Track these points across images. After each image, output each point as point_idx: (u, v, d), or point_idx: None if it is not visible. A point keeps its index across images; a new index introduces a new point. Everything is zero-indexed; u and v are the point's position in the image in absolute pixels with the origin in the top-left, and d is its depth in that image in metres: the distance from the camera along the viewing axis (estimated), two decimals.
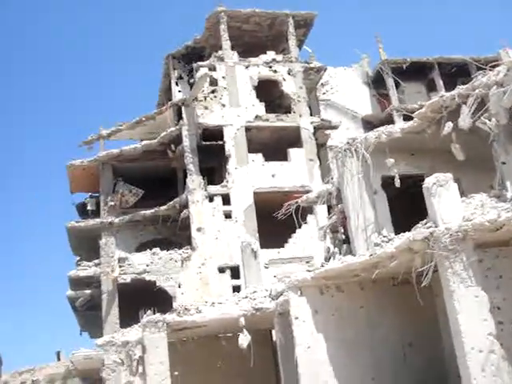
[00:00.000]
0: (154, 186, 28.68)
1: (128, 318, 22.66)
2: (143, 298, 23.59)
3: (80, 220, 29.70)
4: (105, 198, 28.71)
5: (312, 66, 31.00)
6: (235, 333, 16.69)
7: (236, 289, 24.67)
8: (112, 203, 28.34)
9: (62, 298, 29.40)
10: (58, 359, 58.89)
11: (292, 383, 13.94)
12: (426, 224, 11.29)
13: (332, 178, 17.08)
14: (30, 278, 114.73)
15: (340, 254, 15.82)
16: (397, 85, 34.58)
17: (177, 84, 31.47)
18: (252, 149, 28.10)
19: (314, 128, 29.13)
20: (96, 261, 27.71)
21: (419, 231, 11.11)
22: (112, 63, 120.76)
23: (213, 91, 29.03)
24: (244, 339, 15.92)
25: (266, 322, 16.18)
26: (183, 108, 29.22)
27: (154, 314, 17.01)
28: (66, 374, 51.54)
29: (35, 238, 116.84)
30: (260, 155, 28.02)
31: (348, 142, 15.15)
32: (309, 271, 14.03)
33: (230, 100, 28.94)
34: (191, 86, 30.09)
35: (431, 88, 34.68)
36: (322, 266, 14.05)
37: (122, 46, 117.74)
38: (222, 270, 26.07)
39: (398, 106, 33.44)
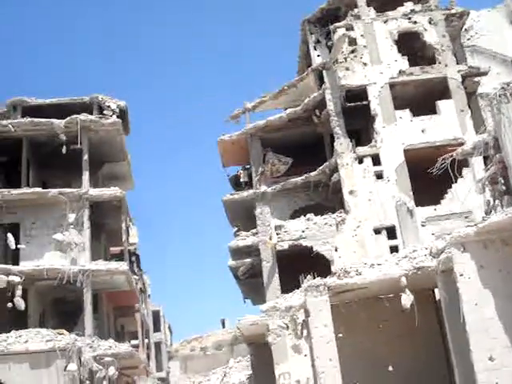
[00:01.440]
0: (301, 153, 28.86)
1: (288, 283, 23.18)
2: (301, 263, 23.97)
3: (234, 192, 30.57)
4: (256, 168, 29.35)
5: (453, 11, 29.38)
6: (397, 293, 16.56)
7: (393, 249, 24.35)
8: (263, 173, 28.93)
9: (224, 268, 30.61)
10: (223, 326, 62.02)
11: (459, 341, 13.64)
12: None
13: (487, 127, 16.28)
14: (195, 252, 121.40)
15: (502, 206, 15.13)
16: None
17: (315, 48, 31.21)
18: (398, 105, 27.36)
19: (462, 77, 27.73)
20: (253, 230, 28.49)
21: None
22: (251, 38, 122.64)
23: (352, 51, 28.50)
24: (407, 299, 15.77)
25: (427, 281, 15.90)
26: (324, 72, 29.01)
27: (314, 278, 17.30)
28: (233, 341, 54.11)
29: (197, 214, 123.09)
30: (407, 111, 27.22)
31: (503, 87, 14.29)
32: (470, 226, 13.57)
33: (370, 58, 28.30)
34: (330, 48, 29.76)
35: None
36: (484, 219, 13.51)
37: (258, 19, 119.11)
38: (377, 231, 25.81)
39: None
